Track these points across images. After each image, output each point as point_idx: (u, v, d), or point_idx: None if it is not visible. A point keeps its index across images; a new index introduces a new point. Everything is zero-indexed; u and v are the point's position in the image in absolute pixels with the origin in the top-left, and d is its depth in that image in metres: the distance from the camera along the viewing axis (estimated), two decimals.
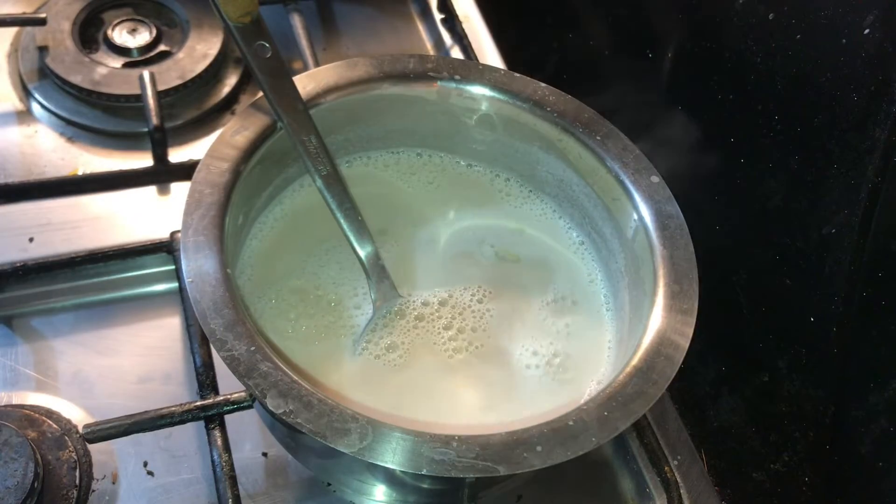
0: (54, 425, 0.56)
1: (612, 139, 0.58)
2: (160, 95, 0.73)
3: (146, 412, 0.52)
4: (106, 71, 0.76)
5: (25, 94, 0.76)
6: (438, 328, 0.56)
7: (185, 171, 0.71)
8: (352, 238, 0.54)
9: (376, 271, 0.55)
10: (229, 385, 0.56)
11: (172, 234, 0.64)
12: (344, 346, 0.55)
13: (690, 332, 0.49)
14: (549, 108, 0.59)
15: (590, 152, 0.58)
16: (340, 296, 0.57)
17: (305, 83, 0.58)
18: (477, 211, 0.63)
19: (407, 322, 0.56)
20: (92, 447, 0.56)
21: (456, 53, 0.86)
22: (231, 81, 0.80)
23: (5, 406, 0.57)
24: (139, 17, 0.80)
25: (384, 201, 0.62)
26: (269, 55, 0.53)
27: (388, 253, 0.58)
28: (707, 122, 0.60)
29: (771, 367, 0.57)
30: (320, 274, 0.58)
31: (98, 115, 0.75)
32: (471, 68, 0.62)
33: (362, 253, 0.55)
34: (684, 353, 0.48)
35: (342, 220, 0.54)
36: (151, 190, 0.71)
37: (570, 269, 0.61)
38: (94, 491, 0.55)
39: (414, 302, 0.57)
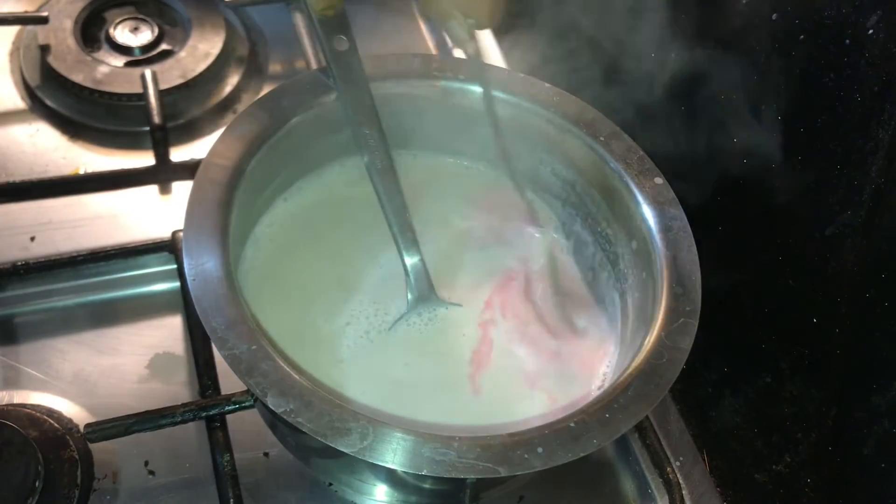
0: (56, 424, 0.56)
1: (616, 140, 0.58)
2: (162, 94, 0.74)
3: (147, 412, 0.52)
4: (108, 70, 0.76)
5: (27, 92, 0.76)
6: (442, 330, 0.56)
7: (187, 170, 0.71)
8: (399, 239, 0.55)
9: (418, 275, 0.55)
10: (231, 384, 0.56)
11: (174, 233, 0.64)
12: (348, 344, 0.55)
13: (693, 333, 0.49)
14: (552, 109, 0.59)
15: (593, 153, 0.58)
16: (345, 294, 0.57)
17: (307, 83, 0.58)
18: (480, 211, 0.63)
19: (421, 321, 0.56)
20: (93, 446, 0.56)
21: (458, 53, 0.86)
22: (233, 81, 0.80)
23: (7, 405, 0.57)
24: (141, 16, 0.81)
25: None
26: (345, 48, 0.54)
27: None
28: (710, 123, 0.60)
29: (773, 368, 0.57)
30: (324, 272, 0.58)
31: (100, 114, 0.75)
32: (474, 68, 0.62)
33: (408, 258, 0.55)
34: (686, 355, 0.48)
35: (392, 219, 0.55)
36: (153, 189, 0.71)
37: (574, 270, 0.61)
38: (95, 490, 0.55)
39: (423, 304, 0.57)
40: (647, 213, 0.55)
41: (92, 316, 0.63)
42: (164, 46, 0.79)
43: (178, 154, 0.73)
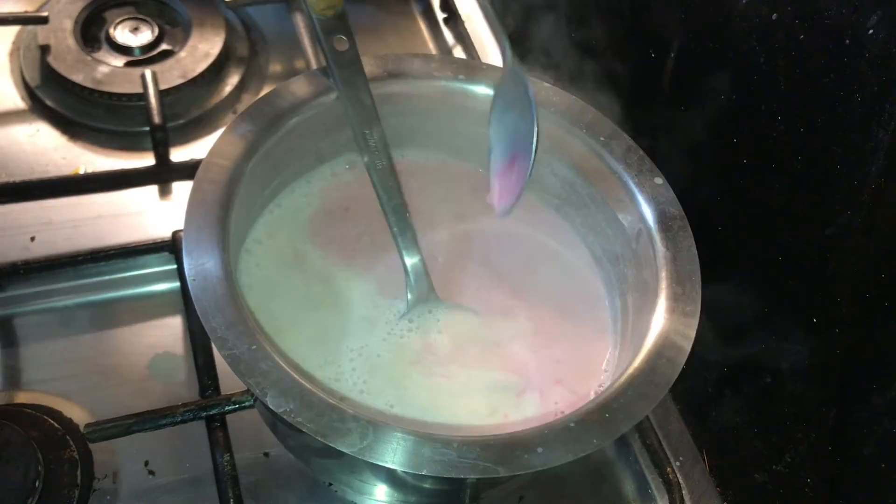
0: (56, 424, 0.56)
1: (616, 140, 0.58)
2: (162, 94, 0.74)
3: (147, 412, 0.52)
4: (108, 70, 0.76)
5: (27, 93, 0.76)
6: (442, 331, 0.56)
7: (187, 170, 0.71)
8: (398, 239, 0.55)
9: (418, 275, 0.55)
10: (231, 384, 0.56)
11: (174, 233, 0.64)
12: (348, 345, 0.55)
13: (693, 333, 0.49)
14: (552, 109, 0.59)
15: (593, 153, 0.58)
16: (344, 294, 0.57)
17: (307, 83, 0.58)
18: (480, 212, 0.63)
19: (421, 322, 0.56)
20: (93, 446, 0.56)
21: (458, 53, 0.86)
22: (233, 81, 0.80)
23: (7, 405, 0.57)
24: (141, 16, 0.81)
25: None
26: (345, 48, 0.54)
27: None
28: (710, 122, 0.60)
29: (773, 368, 0.57)
30: (325, 272, 0.58)
31: (100, 114, 0.75)
32: (474, 68, 0.62)
33: (408, 258, 0.55)
34: (686, 355, 0.48)
35: (392, 219, 0.55)
36: (153, 189, 0.71)
37: (574, 270, 0.61)
38: (95, 490, 0.55)
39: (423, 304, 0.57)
40: (647, 213, 0.55)
41: (92, 316, 0.63)
42: (164, 46, 0.79)
43: (179, 154, 0.73)
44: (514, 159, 0.55)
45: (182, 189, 0.71)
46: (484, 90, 0.60)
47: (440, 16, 0.89)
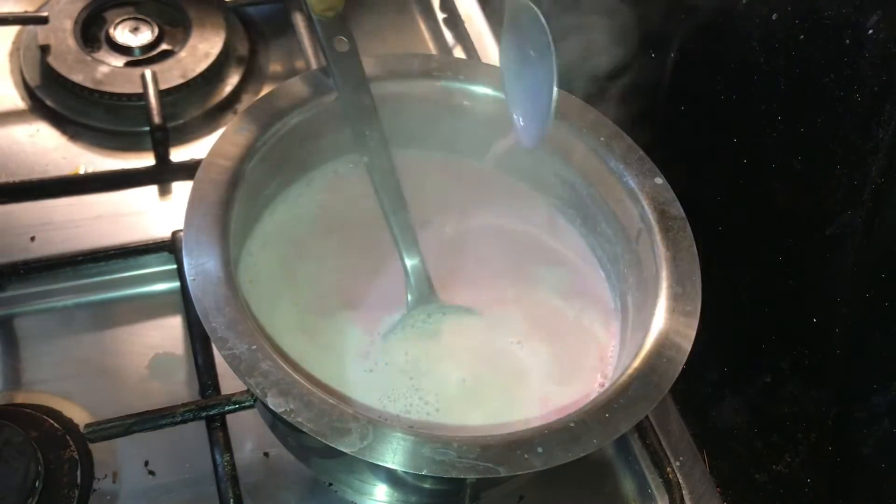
0: (56, 424, 0.56)
1: (616, 140, 0.58)
2: (162, 94, 0.74)
3: (148, 412, 0.52)
4: (108, 70, 0.76)
5: (27, 93, 0.76)
6: (441, 330, 0.56)
7: (187, 170, 0.71)
8: (399, 240, 0.55)
9: (418, 276, 0.55)
10: (231, 384, 0.56)
11: (174, 233, 0.64)
12: (348, 346, 0.55)
13: (693, 333, 0.49)
14: None
15: (594, 153, 0.58)
16: (345, 295, 0.57)
17: (307, 83, 0.58)
18: (480, 212, 0.63)
19: (421, 323, 0.56)
20: (93, 446, 0.56)
21: (458, 53, 0.86)
22: (233, 81, 0.80)
23: (7, 405, 0.57)
24: (141, 16, 0.81)
25: None
26: (346, 49, 0.54)
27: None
28: (710, 122, 0.60)
29: (773, 368, 0.57)
30: (324, 272, 0.58)
31: (100, 114, 0.75)
32: (474, 68, 0.62)
33: (408, 259, 0.55)
34: (686, 355, 0.48)
35: (392, 220, 0.55)
36: (153, 189, 0.71)
37: (574, 270, 0.61)
38: (95, 490, 0.55)
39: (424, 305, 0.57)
40: (648, 213, 0.55)
41: (92, 316, 0.63)
42: (164, 46, 0.79)
43: (179, 154, 0.73)
44: (534, 91, 0.54)
45: (182, 189, 0.71)
46: (484, 90, 0.60)
47: (440, 16, 0.89)
